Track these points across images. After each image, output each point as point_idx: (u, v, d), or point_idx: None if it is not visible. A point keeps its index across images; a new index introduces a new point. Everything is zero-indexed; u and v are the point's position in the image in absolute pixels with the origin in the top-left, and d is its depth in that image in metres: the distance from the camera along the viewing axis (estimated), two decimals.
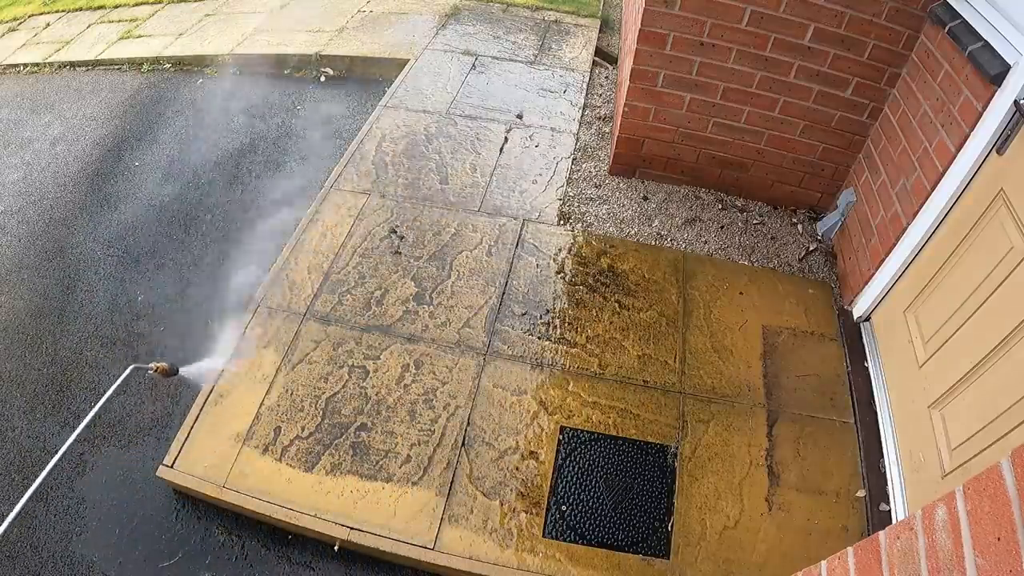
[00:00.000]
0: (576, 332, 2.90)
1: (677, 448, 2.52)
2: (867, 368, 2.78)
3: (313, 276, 3.08)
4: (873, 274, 2.84)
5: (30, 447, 2.63)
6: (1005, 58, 2.15)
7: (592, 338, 2.88)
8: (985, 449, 1.97)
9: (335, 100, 4.62)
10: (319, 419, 2.55)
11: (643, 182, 3.71)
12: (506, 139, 3.99)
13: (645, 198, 3.61)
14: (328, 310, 2.93)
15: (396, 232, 3.31)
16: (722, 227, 3.46)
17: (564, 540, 2.27)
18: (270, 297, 2.99)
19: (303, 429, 2.52)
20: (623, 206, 3.56)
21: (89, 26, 5.90)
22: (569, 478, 2.43)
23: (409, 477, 2.40)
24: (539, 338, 2.87)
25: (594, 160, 3.87)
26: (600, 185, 3.69)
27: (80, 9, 6.30)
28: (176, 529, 2.37)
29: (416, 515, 2.30)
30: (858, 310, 2.96)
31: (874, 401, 2.66)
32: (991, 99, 2.20)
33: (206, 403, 2.59)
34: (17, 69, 5.41)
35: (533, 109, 4.27)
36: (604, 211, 3.52)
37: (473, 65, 4.69)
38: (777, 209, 3.59)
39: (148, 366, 1.99)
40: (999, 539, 0.85)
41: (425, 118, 4.14)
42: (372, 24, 5.38)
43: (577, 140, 4.02)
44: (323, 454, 2.45)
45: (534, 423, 2.58)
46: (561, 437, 2.53)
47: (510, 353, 2.81)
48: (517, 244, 3.29)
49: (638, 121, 3.44)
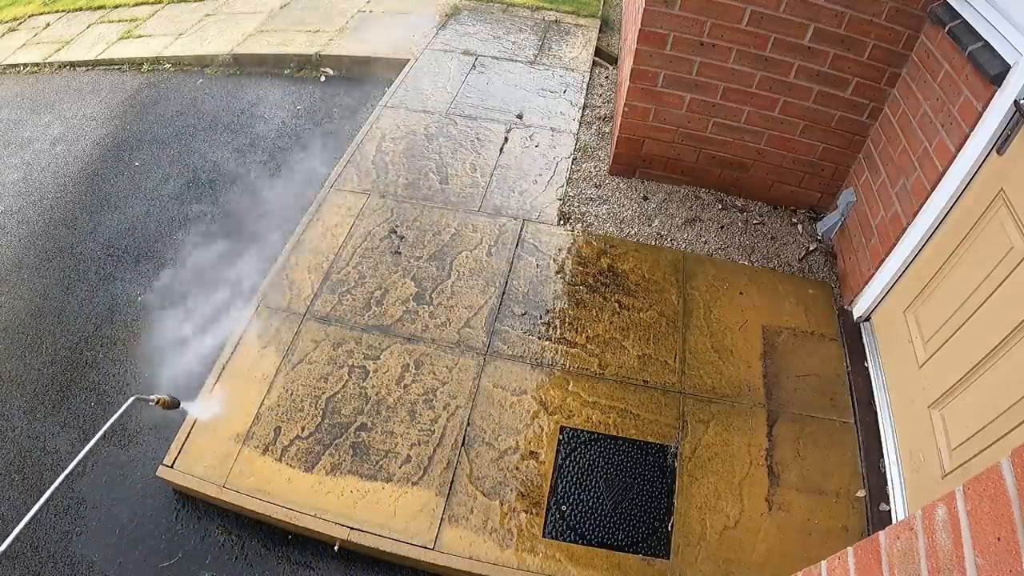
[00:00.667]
0: (576, 332, 2.90)
1: (677, 448, 2.52)
2: (867, 368, 2.78)
3: (313, 276, 3.08)
4: (873, 274, 2.84)
5: (30, 447, 2.63)
6: (1005, 58, 2.15)
7: (592, 338, 2.88)
8: (985, 449, 1.97)
9: (335, 100, 4.62)
10: (319, 419, 2.55)
11: (643, 182, 3.71)
12: (506, 139, 3.99)
13: (645, 198, 3.61)
14: (328, 310, 2.93)
15: (396, 232, 3.31)
16: (722, 227, 3.46)
17: (564, 540, 2.27)
18: (270, 297, 2.99)
19: (303, 429, 2.52)
20: (623, 206, 3.56)
21: (89, 26, 5.90)
22: (569, 478, 2.43)
23: (409, 477, 2.40)
24: (539, 338, 2.87)
25: (594, 160, 3.87)
26: (600, 185, 3.69)
27: (80, 9, 6.30)
28: (176, 529, 2.37)
29: (416, 515, 2.30)
30: (858, 310, 2.96)
31: (874, 401, 2.66)
32: (991, 99, 2.20)
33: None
34: (17, 69, 5.41)
35: (533, 109, 4.27)
36: (604, 211, 3.52)
37: (473, 65, 4.69)
38: (777, 209, 3.59)
39: (150, 398, 1.99)
40: (999, 539, 0.85)
41: (425, 118, 4.13)
42: (372, 24, 5.38)
43: (577, 140, 4.02)
44: (323, 454, 2.45)
45: (534, 423, 2.58)
46: (561, 437, 2.53)
47: (510, 353, 2.81)
48: (517, 244, 3.29)
49: (638, 121, 3.44)
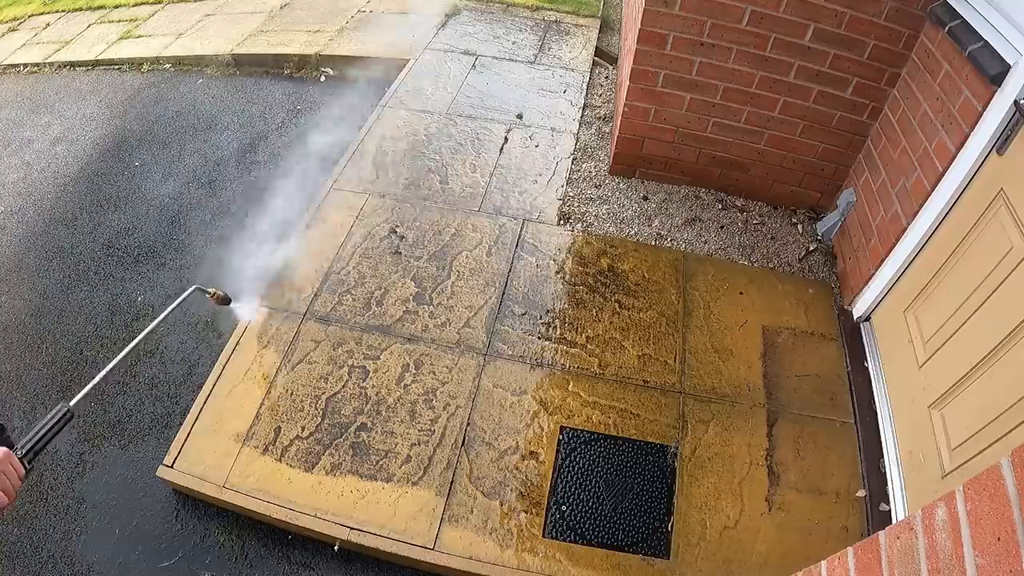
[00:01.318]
0: (576, 332, 2.90)
1: (677, 448, 2.52)
2: (867, 368, 2.78)
3: (313, 276, 3.08)
4: (873, 274, 2.84)
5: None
6: (1005, 58, 2.15)
7: (592, 338, 2.88)
8: (985, 449, 1.97)
9: (335, 100, 4.61)
10: (319, 419, 2.55)
11: (643, 182, 3.70)
12: (506, 139, 3.99)
13: (645, 198, 3.61)
14: (328, 310, 2.93)
15: (396, 232, 3.31)
16: (722, 227, 3.46)
17: (564, 540, 2.27)
18: (270, 297, 2.99)
19: (303, 429, 2.52)
20: (623, 206, 3.56)
21: (89, 26, 5.90)
22: (569, 478, 2.43)
23: (409, 477, 2.40)
24: (539, 338, 2.87)
25: (594, 160, 3.87)
26: (600, 185, 3.69)
27: (80, 9, 6.30)
28: (176, 529, 2.37)
29: (416, 515, 2.30)
30: (858, 310, 2.96)
31: (874, 401, 2.66)
32: (991, 99, 2.20)
33: (206, 403, 2.59)
34: (17, 69, 5.41)
35: (533, 109, 4.27)
36: (604, 211, 3.52)
37: (473, 65, 4.69)
38: (777, 209, 3.59)
39: (208, 289, 2.02)
40: (999, 539, 0.85)
41: (425, 118, 4.13)
42: (372, 24, 5.38)
43: (577, 140, 4.02)
44: (323, 454, 2.45)
45: (534, 423, 2.58)
46: (561, 437, 2.53)
47: (510, 353, 2.81)
48: (517, 244, 3.29)
49: (638, 121, 3.44)
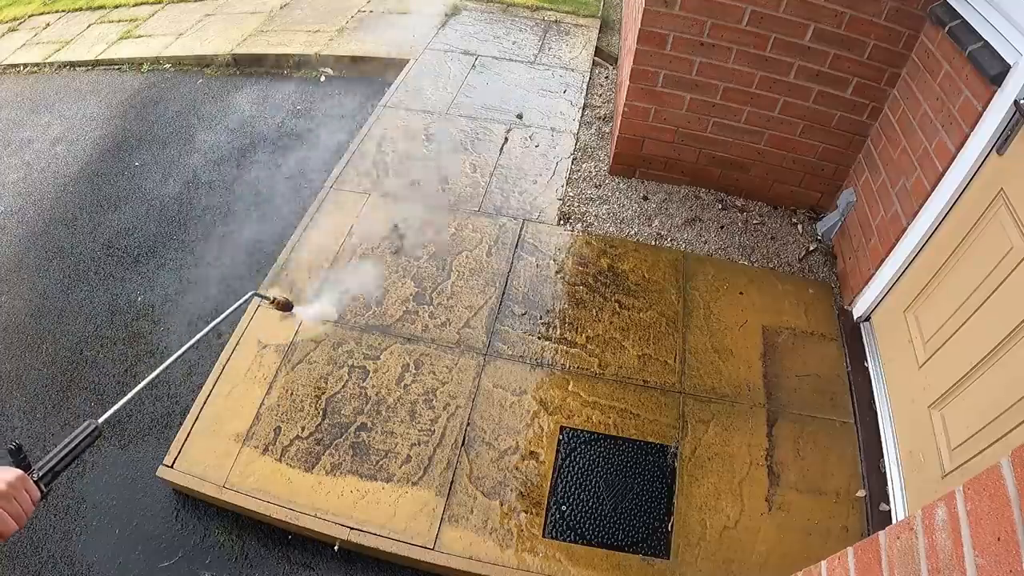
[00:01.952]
0: (576, 332, 2.90)
1: (677, 448, 2.52)
2: (867, 368, 2.78)
3: (313, 276, 3.08)
4: (873, 274, 2.84)
5: (29, 448, 2.61)
6: (1005, 58, 2.15)
7: (592, 338, 2.88)
8: (985, 449, 1.97)
9: (335, 100, 4.62)
10: (319, 419, 2.55)
11: (643, 182, 3.71)
12: (506, 139, 3.99)
13: (645, 198, 3.61)
14: None
15: (396, 232, 3.31)
16: (722, 227, 3.46)
17: (564, 540, 2.27)
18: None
19: (303, 429, 2.52)
20: (623, 206, 3.56)
21: (89, 26, 5.90)
22: (569, 478, 2.43)
23: (409, 477, 2.40)
24: (539, 338, 2.87)
25: (594, 160, 3.87)
26: (600, 185, 3.69)
27: (80, 9, 6.30)
28: (176, 529, 2.37)
29: (416, 515, 2.30)
30: (858, 310, 2.96)
31: (874, 401, 2.66)
32: (991, 99, 2.20)
33: (206, 403, 2.59)
34: (17, 69, 5.41)
35: (533, 109, 4.27)
36: (604, 211, 3.52)
37: (473, 65, 4.69)
38: (777, 209, 3.59)
39: (267, 295, 2.01)
40: (999, 539, 0.85)
41: (425, 118, 4.13)
42: (372, 24, 5.38)
43: (577, 140, 4.02)
44: (323, 454, 2.45)
45: (534, 423, 2.58)
46: (561, 437, 2.53)
47: (510, 353, 2.81)
48: (517, 244, 3.29)
49: (638, 121, 3.44)
